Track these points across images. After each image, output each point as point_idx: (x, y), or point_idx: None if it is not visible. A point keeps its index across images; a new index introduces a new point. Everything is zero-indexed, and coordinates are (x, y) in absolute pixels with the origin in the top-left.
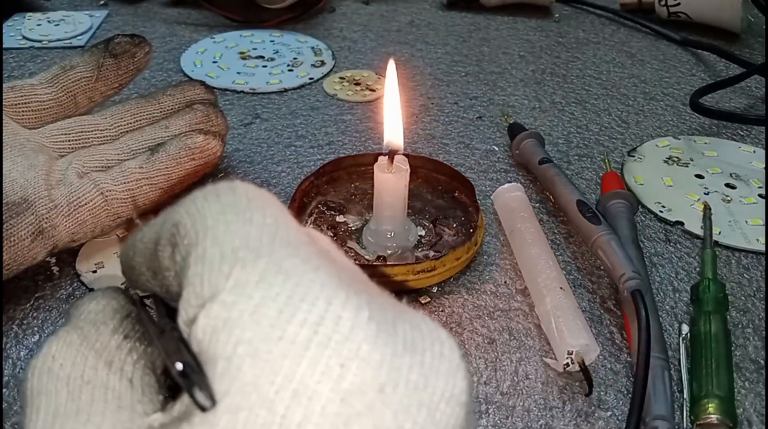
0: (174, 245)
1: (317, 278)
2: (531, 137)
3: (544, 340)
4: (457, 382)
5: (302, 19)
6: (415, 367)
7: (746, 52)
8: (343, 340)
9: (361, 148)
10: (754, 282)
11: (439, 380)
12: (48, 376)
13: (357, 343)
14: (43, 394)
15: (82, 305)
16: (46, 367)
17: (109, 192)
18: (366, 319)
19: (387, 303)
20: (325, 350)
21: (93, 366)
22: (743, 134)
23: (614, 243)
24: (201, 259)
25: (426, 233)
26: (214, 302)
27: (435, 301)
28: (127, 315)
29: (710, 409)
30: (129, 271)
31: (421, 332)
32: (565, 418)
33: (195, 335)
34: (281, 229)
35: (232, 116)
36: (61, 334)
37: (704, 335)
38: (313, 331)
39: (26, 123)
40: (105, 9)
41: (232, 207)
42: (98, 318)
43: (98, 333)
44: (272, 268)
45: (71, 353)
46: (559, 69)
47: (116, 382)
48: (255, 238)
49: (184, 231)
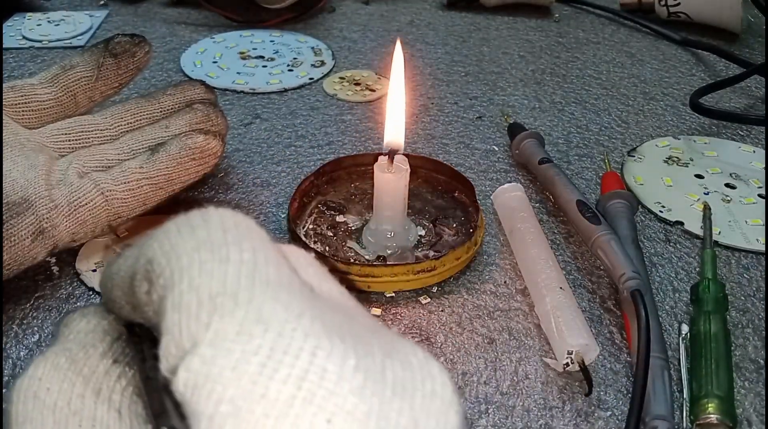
0: (150, 282)
1: (300, 326)
2: (531, 137)
3: (544, 339)
4: (449, 419)
5: (302, 19)
6: (405, 411)
7: (746, 52)
8: (329, 395)
9: (361, 148)
10: (754, 282)
11: (430, 421)
12: (34, 403)
13: (343, 397)
14: (28, 423)
15: (72, 322)
16: (32, 391)
17: (110, 192)
18: (352, 369)
19: (375, 339)
20: (309, 407)
21: (80, 394)
22: (743, 134)
23: (614, 243)
24: (178, 306)
25: (426, 233)
26: (194, 355)
27: (435, 300)
28: (118, 337)
29: (710, 409)
30: (110, 303)
31: (412, 371)
32: (564, 417)
33: (177, 387)
34: (260, 265)
35: (232, 116)
36: (48, 356)
37: (704, 335)
38: (297, 387)
39: (26, 123)
40: (105, 9)
41: (207, 243)
42: (87, 339)
43: (87, 356)
44: (252, 316)
45: (59, 378)
46: (559, 69)
47: (104, 414)
48: (232, 280)
49: (159, 269)
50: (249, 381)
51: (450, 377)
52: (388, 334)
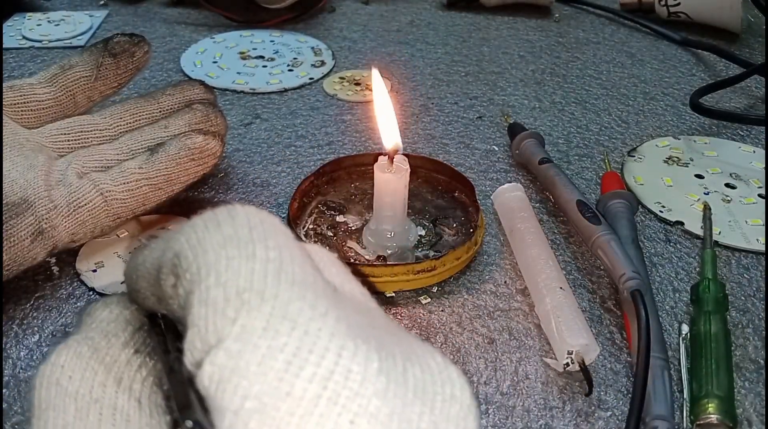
0: (177, 276)
1: (326, 326)
2: (531, 137)
3: (544, 340)
4: (468, 424)
5: (302, 19)
6: (426, 414)
7: (746, 52)
8: (353, 396)
9: (361, 148)
10: (754, 282)
11: (450, 425)
12: (56, 389)
13: (367, 399)
14: (51, 409)
15: (95, 311)
16: (54, 378)
17: (109, 192)
18: (376, 371)
19: (396, 342)
20: (334, 407)
21: (102, 382)
22: (743, 134)
23: (614, 243)
24: (204, 301)
25: (426, 233)
26: (220, 349)
27: (435, 300)
28: (140, 327)
29: (710, 409)
30: (134, 294)
31: (432, 374)
32: (565, 418)
33: (201, 380)
34: (285, 264)
35: (232, 116)
36: (71, 344)
37: (704, 335)
38: (323, 387)
39: (25, 123)
40: (105, 9)
41: (234, 239)
42: (110, 328)
43: (109, 345)
44: (278, 313)
45: (81, 366)
46: (559, 69)
47: (125, 403)
48: (259, 277)
49: (186, 264)
50: (275, 378)
51: (468, 382)
52: (407, 337)
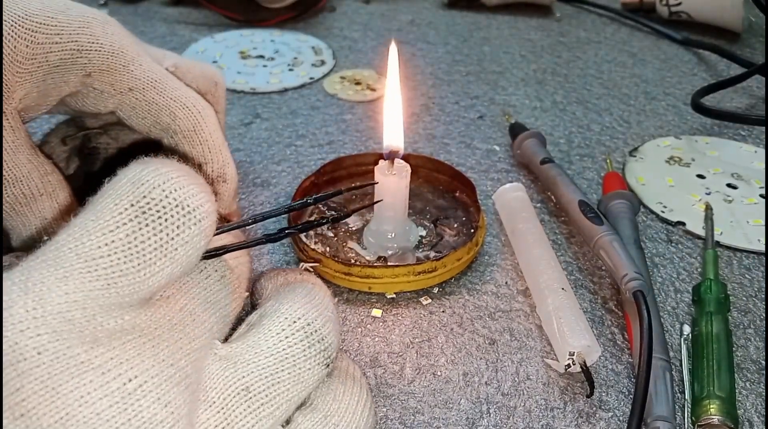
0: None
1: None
2: (532, 137)
3: (546, 340)
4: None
5: (302, 19)
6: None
7: (747, 52)
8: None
9: (361, 148)
10: (756, 282)
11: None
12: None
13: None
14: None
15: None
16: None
17: None
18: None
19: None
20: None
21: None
22: (744, 134)
23: (616, 243)
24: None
25: (427, 234)
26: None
27: (436, 301)
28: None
29: (711, 409)
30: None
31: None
32: (566, 418)
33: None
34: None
35: (232, 116)
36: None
37: (706, 336)
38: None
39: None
40: (105, 9)
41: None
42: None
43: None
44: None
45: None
46: (560, 68)
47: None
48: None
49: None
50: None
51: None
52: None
